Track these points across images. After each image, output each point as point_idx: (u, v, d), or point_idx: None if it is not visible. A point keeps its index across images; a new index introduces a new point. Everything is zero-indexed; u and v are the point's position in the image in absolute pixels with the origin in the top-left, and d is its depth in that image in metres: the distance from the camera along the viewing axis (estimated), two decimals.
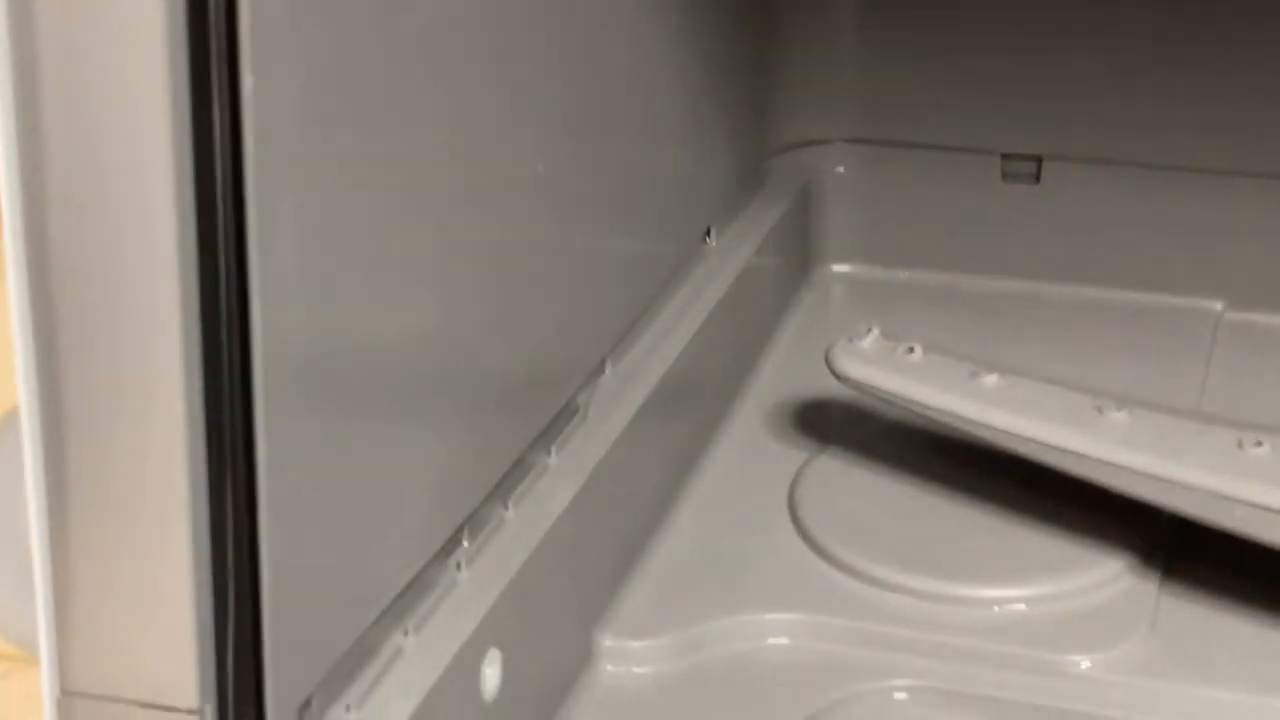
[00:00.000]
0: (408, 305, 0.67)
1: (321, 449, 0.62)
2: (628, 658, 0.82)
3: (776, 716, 0.79)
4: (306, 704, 0.62)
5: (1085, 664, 0.81)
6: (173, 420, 0.55)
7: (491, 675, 0.71)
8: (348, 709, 0.64)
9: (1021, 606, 0.84)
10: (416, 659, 0.68)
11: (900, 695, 0.81)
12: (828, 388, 0.94)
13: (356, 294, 0.63)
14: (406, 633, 0.68)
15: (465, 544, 0.73)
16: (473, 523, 0.74)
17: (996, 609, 0.84)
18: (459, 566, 0.73)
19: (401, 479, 0.68)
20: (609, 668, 0.82)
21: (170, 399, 0.55)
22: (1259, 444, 0.81)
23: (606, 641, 0.82)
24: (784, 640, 0.83)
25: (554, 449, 0.82)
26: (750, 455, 0.97)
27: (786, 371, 1.05)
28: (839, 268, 1.17)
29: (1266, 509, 0.78)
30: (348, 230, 0.62)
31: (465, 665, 0.69)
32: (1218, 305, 1.10)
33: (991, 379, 0.88)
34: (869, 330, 0.92)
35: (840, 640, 0.83)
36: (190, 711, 0.58)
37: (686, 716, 0.79)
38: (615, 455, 0.84)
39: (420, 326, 0.68)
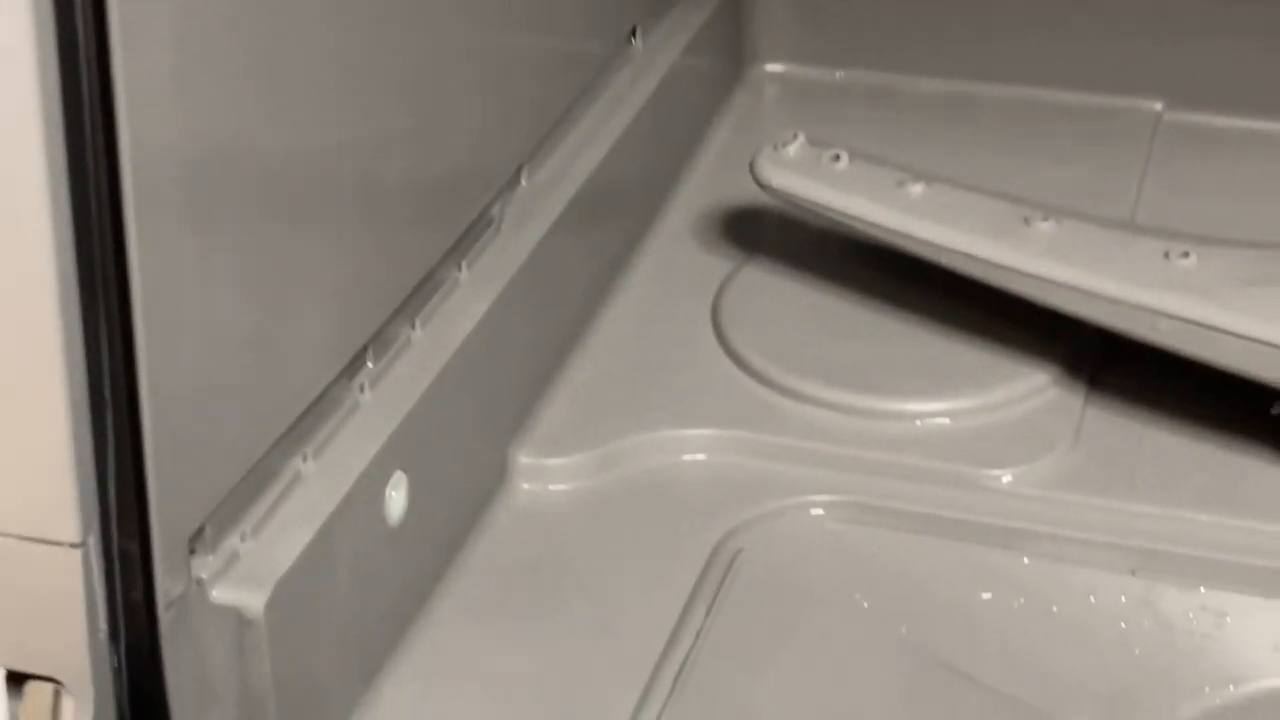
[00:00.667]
0: (300, 109, 0.64)
1: (204, 263, 0.59)
2: (544, 475, 0.81)
3: (694, 533, 0.78)
4: (198, 534, 0.61)
5: (1006, 478, 0.80)
6: (38, 239, 0.53)
7: (397, 499, 0.70)
8: (243, 538, 0.63)
9: (944, 420, 0.83)
10: (316, 484, 0.66)
11: (818, 511, 0.80)
12: (757, 196, 0.92)
13: (240, 97, 0.60)
14: (306, 458, 0.67)
15: (369, 365, 0.71)
16: (377, 342, 0.72)
17: (919, 423, 0.83)
18: (362, 388, 0.71)
19: (298, 296, 0.65)
20: (525, 486, 0.81)
21: (35, 217, 0.52)
22: (1186, 255, 0.79)
23: (522, 459, 0.81)
24: (701, 456, 0.82)
25: (465, 264, 0.79)
26: (675, 267, 0.95)
27: (715, 178, 1.03)
28: (773, 67, 1.14)
29: (1191, 322, 0.77)
30: (228, 26, 0.58)
31: (368, 490, 0.68)
32: (1157, 105, 1.07)
33: (918, 188, 0.86)
34: (795, 137, 0.89)
35: (759, 456, 0.82)
36: (73, 545, 0.57)
37: (603, 534, 0.78)
38: (531, 269, 0.82)
39: (315, 132, 0.65)
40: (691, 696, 0.70)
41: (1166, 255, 0.79)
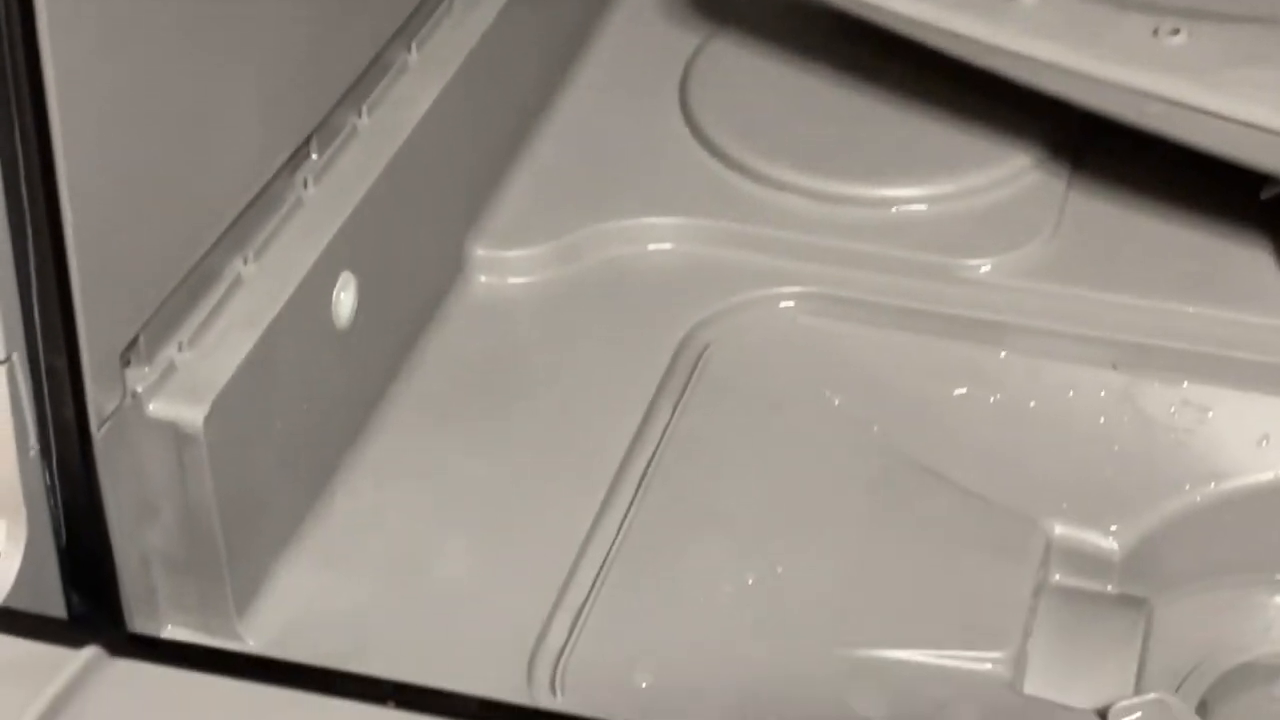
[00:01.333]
0: None
1: (124, 44, 0.54)
2: (502, 268, 0.78)
3: (659, 327, 0.75)
4: (132, 344, 0.58)
5: (985, 268, 0.77)
6: None
7: (345, 301, 0.66)
8: (180, 348, 0.60)
9: (920, 207, 0.79)
10: (258, 288, 0.63)
11: (788, 304, 0.77)
12: None
13: None
14: (247, 260, 0.63)
15: (313, 156, 0.67)
16: (321, 132, 0.68)
17: (895, 210, 0.79)
18: (306, 183, 0.67)
19: (232, 83, 0.61)
20: (482, 279, 0.77)
21: None
22: (1176, 32, 0.75)
23: (479, 252, 0.77)
24: (667, 245, 0.79)
25: (415, 45, 0.74)
26: (639, 42, 0.90)
27: None
28: None
29: (1180, 105, 0.73)
30: None
31: (314, 292, 0.64)
32: None
33: None
34: None
35: (727, 245, 0.78)
36: None
37: (565, 328, 0.75)
38: (486, 49, 0.77)
39: None
40: (658, 497, 0.68)
41: (1155, 32, 0.75)
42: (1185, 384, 0.73)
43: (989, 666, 0.64)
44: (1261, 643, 0.72)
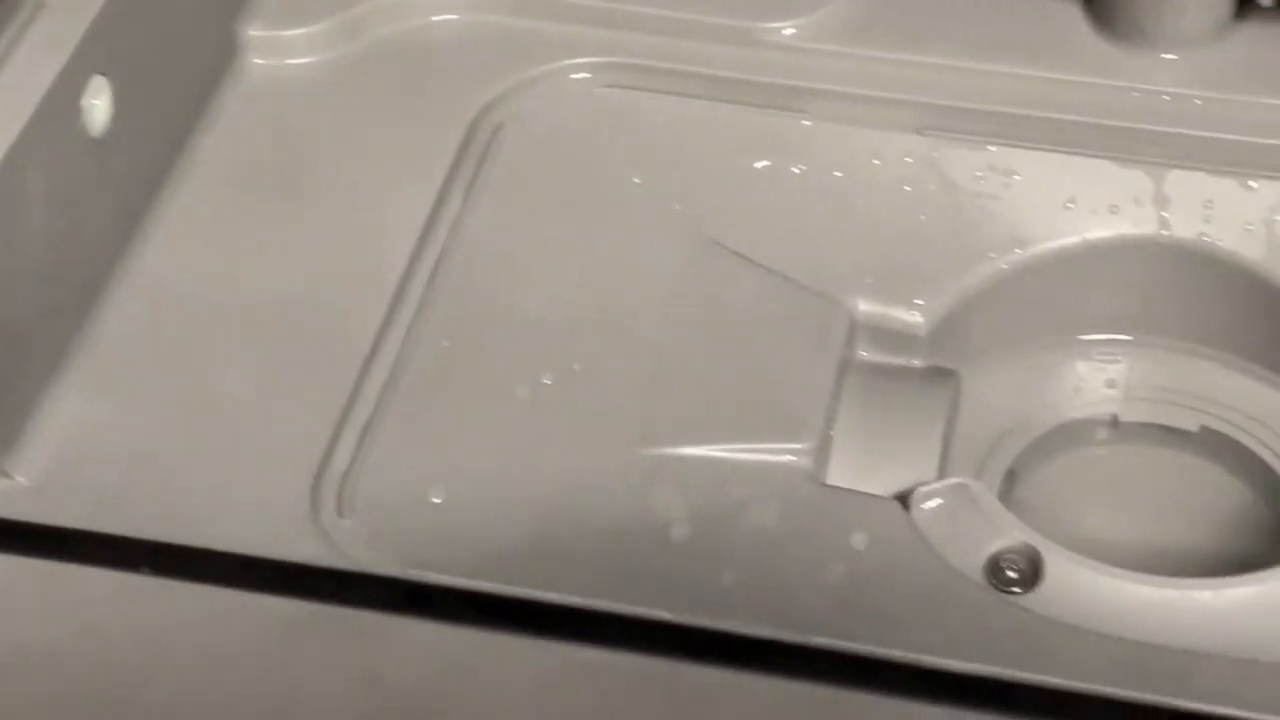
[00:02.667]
0: None
1: None
2: (280, 49, 0.73)
3: (450, 106, 0.71)
4: None
5: (788, 30, 0.74)
6: None
7: (99, 107, 0.62)
8: None
9: None
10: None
11: (583, 75, 0.73)
12: None
13: None
14: None
15: None
16: None
17: None
18: None
19: None
20: (258, 63, 0.73)
21: None
22: None
23: (253, 33, 0.73)
24: (453, 16, 0.75)
25: None
26: None
27: None
28: None
29: None
30: None
31: (60, 104, 0.60)
32: None
33: None
34: None
35: (518, 13, 0.74)
36: None
37: (348, 114, 0.72)
38: None
39: None
40: (447, 297, 0.65)
41: None
42: (991, 147, 0.71)
43: (791, 459, 0.62)
44: (1071, 405, 0.72)
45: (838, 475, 0.64)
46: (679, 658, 0.44)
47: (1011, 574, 0.61)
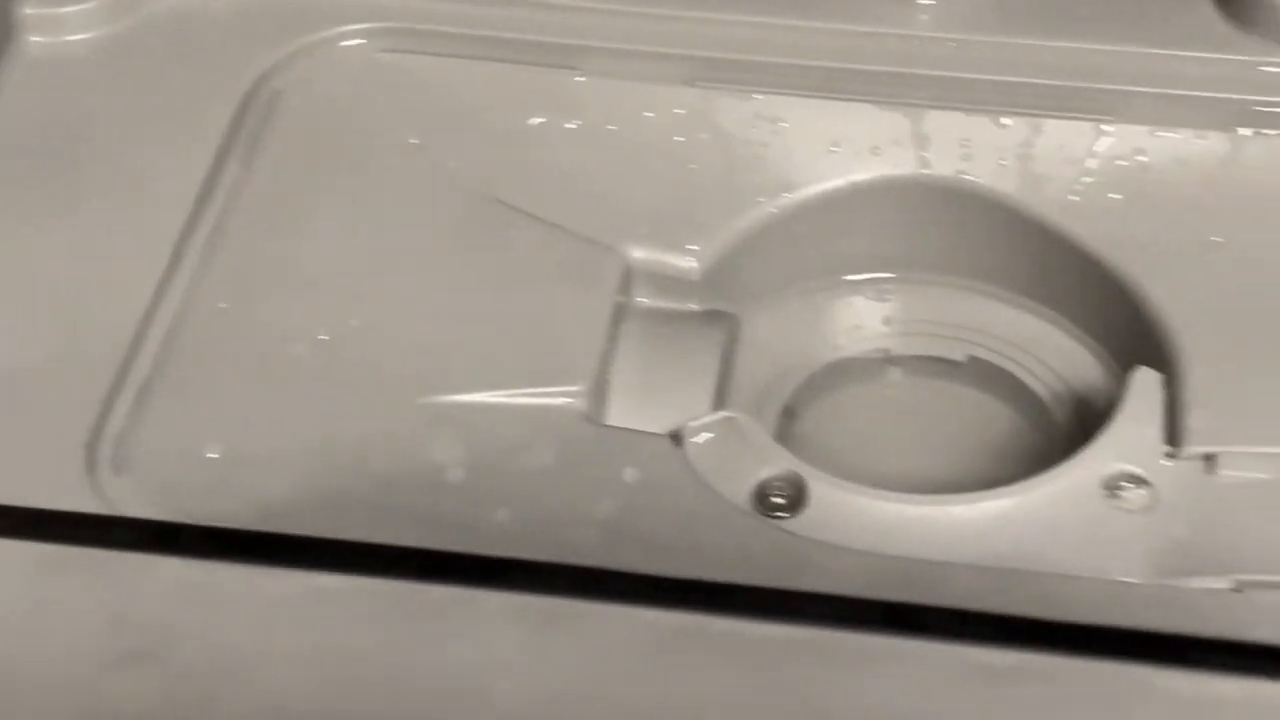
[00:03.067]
0: None
1: None
2: (57, 26, 0.74)
3: (226, 77, 0.72)
4: None
5: None
6: None
7: None
8: None
9: None
10: None
11: (359, 41, 0.74)
12: None
13: None
14: None
15: None
16: None
17: None
18: None
19: None
20: (35, 39, 0.74)
21: None
22: None
23: (28, 10, 0.73)
24: None
25: None
26: None
27: None
28: None
29: None
30: None
31: None
32: None
33: None
34: None
35: None
36: None
37: (129, 87, 0.72)
38: None
39: None
40: (225, 261, 0.67)
41: None
42: (757, 96, 0.73)
43: (567, 401, 0.64)
44: (846, 343, 0.75)
45: (617, 416, 0.66)
46: (417, 579, 0.46)
47: (778, 500, 0.63)
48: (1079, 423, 0.71)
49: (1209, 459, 0.62)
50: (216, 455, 0.61)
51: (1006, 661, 0.43)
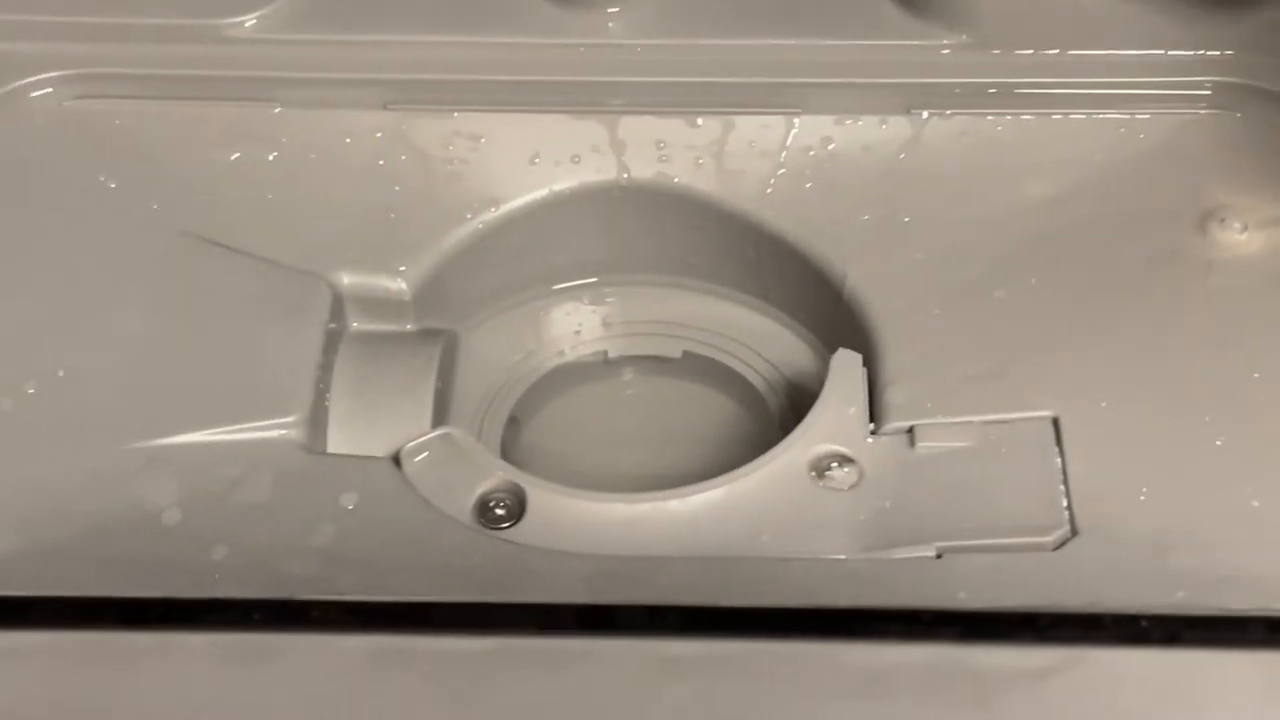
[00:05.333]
0: None
1: None
2: None
3: None
4: None
5: (250, 23, 0.75)
6: None
7: None
8: None
9: None
10: None
11: (45, 90, 0.74)
12: None
13: None
14: None
15: None
16: None
17: None
18: None
19: None
20: None
21: None
22: None
23: None
24: None
25: None
26: None
27: None
28: None
29: None
30: None
31: None
32: None
33: None
34: None
35: None
36: None
37: None
38: None
39: None
40: None
41: None
42: (455, 114, 0.74)
43: (282, 433, 0.65)
44: (563, 350, 0.76)
45: (337, 443, 0.67)
46: (116, 628, 0.46)
47: (500, 511, 0.64)
48: (793, 407, 0.73)
49: (909, 433, 0.64)
50: None
51: (694, 651, 0.45)
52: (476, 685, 0.44)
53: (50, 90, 0.74)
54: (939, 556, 0.60)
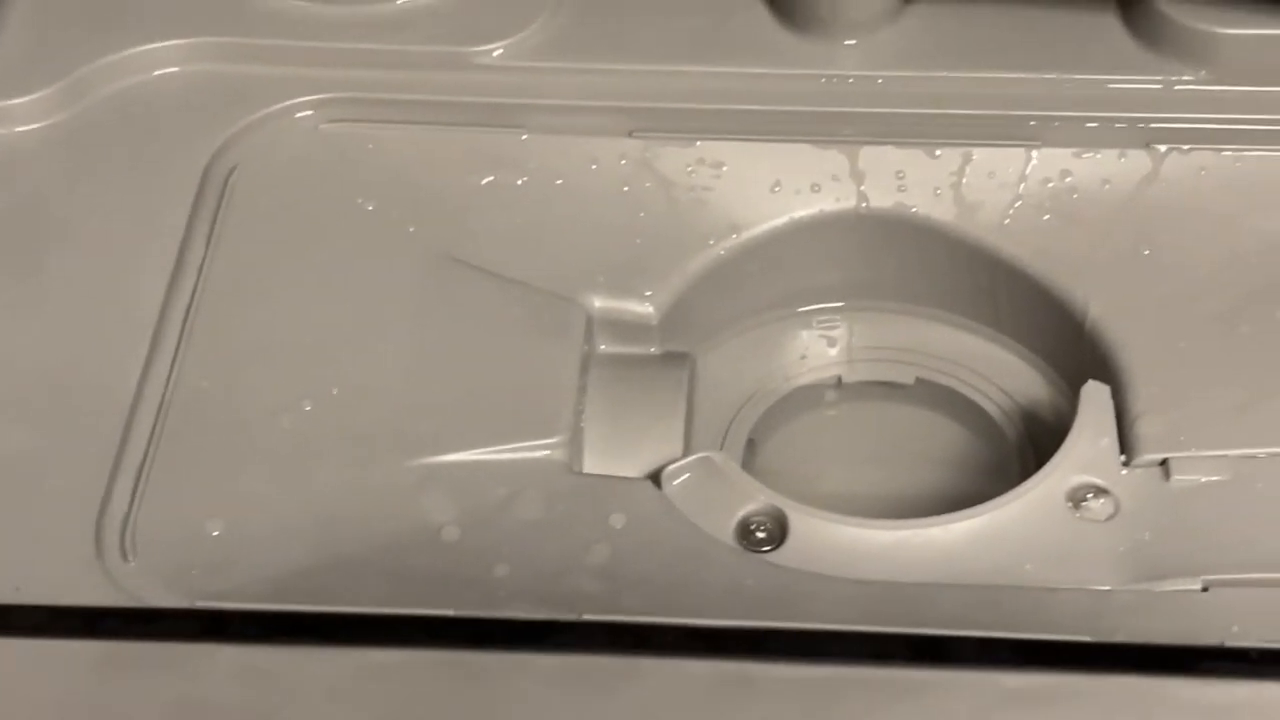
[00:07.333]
0: None
1: None
2: (7, 119, 0.75)
3: (181, 157, 0.74)
4: None
5: (497, 52, 0.78)
6: None
7: None
8: None
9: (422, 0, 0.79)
10: None
11: (307, 113, 0.76)
12: None
13: None
14: None
15: None
16: None
17: (399, 3, 0.79)
18: None
19: None
20: None
21: None
22: None
23: None
24: (174, 69, 0.77)
25: None
26: None
27: None
28: None
29: None
30: None
31: None
32: None
33: None
34: None
35: (235, 60, 0.77)
36: None
37: (84, 173, 0.74)
38: None
39: None
40: (203, 339, 0.68)
41: None
42: (698, 142, 0.76)
43: (546, 453, 0.67)
44: (799, 373, 0.77)
45: (592, 463, 0.69)
46: (461, 648, 0.48)
47: (760, 534, 0.66)
48: (1029, 436, 0.74)
49: (1163, 465, 0.66)
50: (219, 532, 0.62)
51: (1028, 684, 0.46)
52: (816, 714, 0.46)
53: (310, 113, 0.76)
54: (1205, 590, 0.61)
